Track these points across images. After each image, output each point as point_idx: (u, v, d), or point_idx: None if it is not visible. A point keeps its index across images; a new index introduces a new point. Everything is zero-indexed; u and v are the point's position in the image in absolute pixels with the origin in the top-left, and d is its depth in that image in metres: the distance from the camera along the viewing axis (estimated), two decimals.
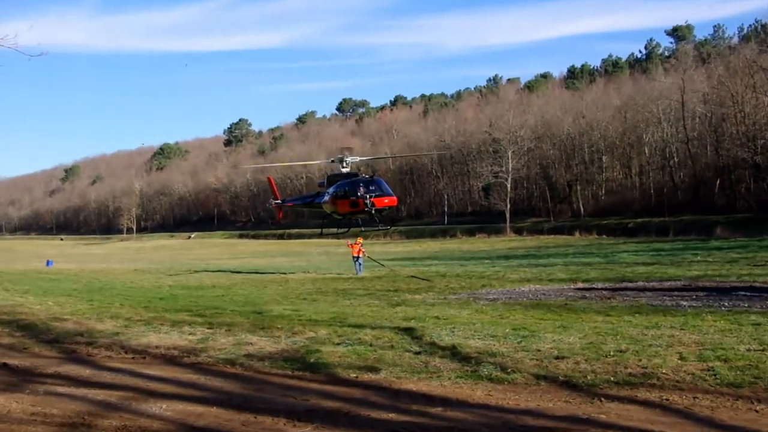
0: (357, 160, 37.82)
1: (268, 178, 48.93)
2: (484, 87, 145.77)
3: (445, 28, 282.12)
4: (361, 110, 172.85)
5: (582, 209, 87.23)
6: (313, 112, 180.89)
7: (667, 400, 8.43)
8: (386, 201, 33.11)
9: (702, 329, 12.76)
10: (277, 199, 42.49)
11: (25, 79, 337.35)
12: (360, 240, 35.92)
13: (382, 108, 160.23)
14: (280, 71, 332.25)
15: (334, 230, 41.03)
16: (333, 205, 34.82)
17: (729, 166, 75.32)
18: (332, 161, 38.60)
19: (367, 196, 32.39)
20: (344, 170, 35.43)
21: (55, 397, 9.42)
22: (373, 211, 32.89)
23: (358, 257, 34.72)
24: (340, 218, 35.96)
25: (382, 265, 35.85)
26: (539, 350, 11.26)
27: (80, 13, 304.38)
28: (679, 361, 10.17)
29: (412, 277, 30.04)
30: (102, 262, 58.58)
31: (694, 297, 18.45)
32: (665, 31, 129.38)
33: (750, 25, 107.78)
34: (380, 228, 38.35)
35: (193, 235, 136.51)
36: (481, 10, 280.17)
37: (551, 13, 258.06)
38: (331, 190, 35.11)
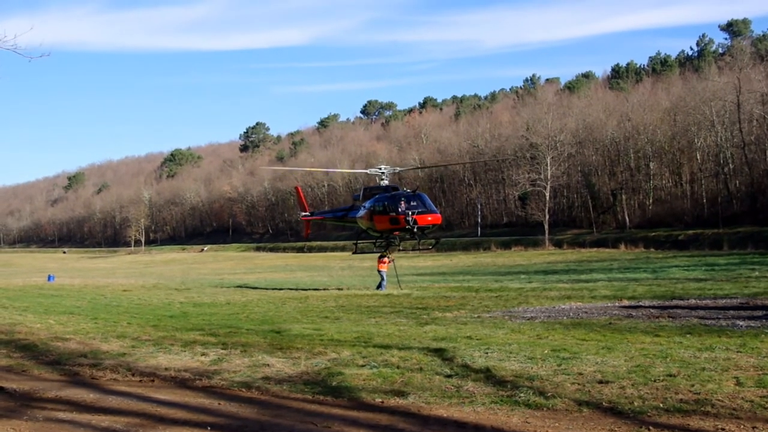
0: (397, 170, 37.54)
1: (296, 189, 48.45)
2: (520, 88, 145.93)
3: (479, 24, 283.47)
4: (387, 113, 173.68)
5: (627, 220, 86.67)
6: (335, 116, 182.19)
7: (723, 429, 8.32)
8: (430, 218, 32.33)
9: (761, 352, 12.61)
10: (306, 212, 42.16)
11: (25, 81, 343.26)
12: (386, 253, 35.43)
13: (411, 111, 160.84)
14: (301, 71, 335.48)
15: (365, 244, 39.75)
16: (370, 220, 34.17)
17: None
18: (369, 173, 38.03)
19: (409, 213, 31.68)
20: (383, 183, 35.04)
21: (57, 423, 9.46)
22: (416, 230, 32.17)
23: (381, 271, 34.52)
24: (377, 236, 35.15)
25: (400, 287, 34.13)
26: (581, 374, 11.18)
27: (85, 8, 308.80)
28: (736, 387, 10.05)
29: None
30: (108, 277, 59.02)
31: (751, 316, 18.24)
32: (719, 26, 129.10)
33: None
34: (422, 248, 37.76)
35: (206, 248, 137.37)
36: (519, 4, 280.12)
37: (595, 7, 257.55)
38: (367, 204, 34.54)
